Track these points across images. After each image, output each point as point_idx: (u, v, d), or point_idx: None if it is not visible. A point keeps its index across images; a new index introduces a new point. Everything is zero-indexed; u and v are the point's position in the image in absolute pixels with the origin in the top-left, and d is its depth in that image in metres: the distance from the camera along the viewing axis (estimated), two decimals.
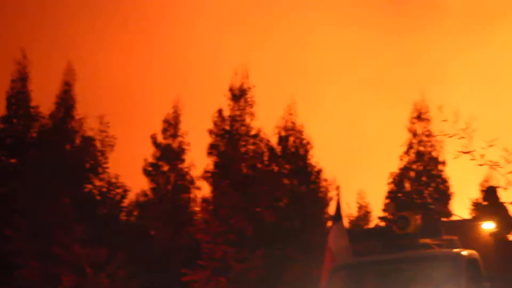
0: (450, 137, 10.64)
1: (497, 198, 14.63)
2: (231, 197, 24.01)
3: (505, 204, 14.59)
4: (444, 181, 33.02)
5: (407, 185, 32.35)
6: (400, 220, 12.67)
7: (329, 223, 15.02)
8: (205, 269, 22.89)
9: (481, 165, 10.11)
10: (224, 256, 22.93)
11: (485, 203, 15.15)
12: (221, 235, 23.19)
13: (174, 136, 33.59)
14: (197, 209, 31.26)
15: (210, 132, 31.90)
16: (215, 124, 32.05)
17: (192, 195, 33.04)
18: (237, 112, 32.04)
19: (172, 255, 28.87)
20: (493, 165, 10.01)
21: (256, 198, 24.43)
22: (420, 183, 32.80)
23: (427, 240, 12.80)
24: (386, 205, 12.14)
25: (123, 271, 23.63)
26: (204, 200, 29.14)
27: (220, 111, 32.15)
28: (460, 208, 31.58)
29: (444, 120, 11.47)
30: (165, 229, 29.99)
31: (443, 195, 32.59)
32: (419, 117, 33.97)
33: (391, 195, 31.37)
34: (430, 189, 32.64)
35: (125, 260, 23.76)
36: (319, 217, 28.65)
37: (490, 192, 15.12)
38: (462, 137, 10.33)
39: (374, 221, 32.92)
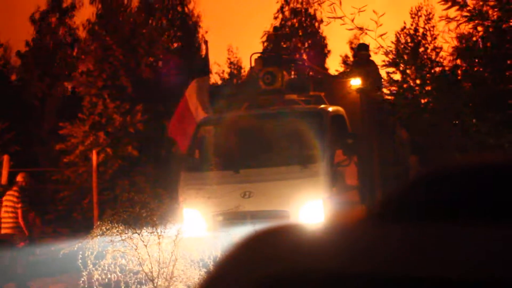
0: (320, 4, 10.17)
1: (367, 55, 14.46)
2: (114, 52, 23.31)
3: (374, 62, 14.42)
4: (321, 38, 33.09)
5: (283, 43, 32.22)
6: (266, 75, 12.38)
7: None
8: (85, 123, 22.36)
9: (351, 29, 9.74)
10: (104, 111, 22.42)
11: (355, 59, 14.98)
12: (104, 89, 22.64)
13: None
14: (80, 62, 30.64)
15: None
16: None
17: (74, 51, 32.44)
18: None
19: (47, 107, 28.26)
20: (363, 29, 9.67)
21: (136, 54, 23.67)
22: (296, 39, 32.72)
23: (293, 96, 12.63)
24: (254, 60, 11.79)
25: None
26: (87, 52, 28.32)
27: None
28: (335, 66, 31.89)
29: None
30: (41, 80, 29.17)
31: (320, 53, 32.68)
32: None
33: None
34: (306, 46, 32.65)
35: None
36: (196, 73, 28.39)
37: (360, 49, 14.95)
38: (333, 3, 9.88)
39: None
